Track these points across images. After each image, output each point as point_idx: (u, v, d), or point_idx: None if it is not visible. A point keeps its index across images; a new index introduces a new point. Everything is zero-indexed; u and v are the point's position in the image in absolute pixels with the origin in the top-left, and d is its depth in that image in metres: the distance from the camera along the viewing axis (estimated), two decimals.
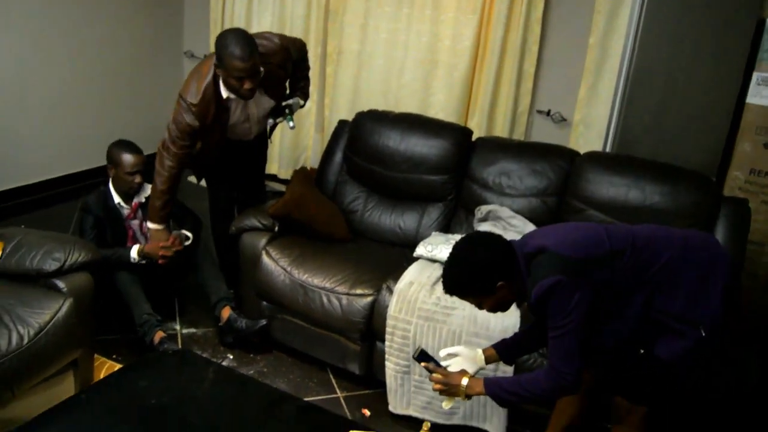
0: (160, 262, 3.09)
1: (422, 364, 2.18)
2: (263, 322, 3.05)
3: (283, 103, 3.23)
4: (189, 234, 3.24)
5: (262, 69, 2.85)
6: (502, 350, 2.25)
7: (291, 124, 3.24)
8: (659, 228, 2.06)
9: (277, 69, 3.08)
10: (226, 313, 3.10)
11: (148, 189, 3.18)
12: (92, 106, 4.70)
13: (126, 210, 3.18)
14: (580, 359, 1.89)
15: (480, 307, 2.03)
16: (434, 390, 2.14)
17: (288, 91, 3.32)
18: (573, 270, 1.86)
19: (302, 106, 3.42)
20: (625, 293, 1.93)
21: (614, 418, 2.15)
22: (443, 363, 2.20)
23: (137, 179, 3.10)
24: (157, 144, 3.05)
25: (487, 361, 2.24)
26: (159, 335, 2.98)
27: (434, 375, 2.12)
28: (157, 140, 3.08)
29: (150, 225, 3.11)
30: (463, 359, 2.20)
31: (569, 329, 1.85)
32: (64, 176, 4.61)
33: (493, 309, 2.03)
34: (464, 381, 2.08)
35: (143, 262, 3.10)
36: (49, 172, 4.55)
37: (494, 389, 2.02)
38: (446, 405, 2.20)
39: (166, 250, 3.08)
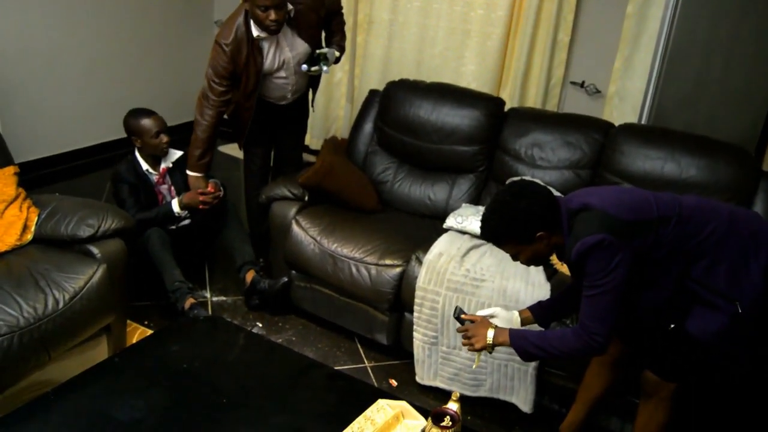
0: (200, 207, 3.15)
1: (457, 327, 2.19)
2: (284, 279, 3.11)
3: (318, 51, 3.21)
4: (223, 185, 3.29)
5: (291, 7, 2.95)
6: (537, 312, 2.23)
7: (325, 68, 3.22)
8: (705, 200, 2.02)
9: (309, 11, 3.13)
10: (250, 276, 3.16)
11: (175, 154, 3.24)
12: (124, 76, 4.73)
13: (155, 176, 3.21)
14: (613, 322, 1.86)
15: (515, 257, 2.01)
16: (462, 344, 2.15)
17: (324, 44, 3.37)
18: (618, 230, 1.82)
19: (338, 59, 3.42)
20: (665, 261, 1.90)
21: (643, 393, 2.12)
22: None
23: (164, 139, 3.13)
24: (188, 112, 3.08)
25: (523, 323, 2.22)
26: (190, 302, 3.01)
27: (460, 327, 2.14)
28: (188, 109, 3.09)
29: (189, 173, 3.20)
30: (499, 320, 2.19)
31: (606, 290, 1.83)
32: (97, 145, 4.66)
33: (528, 261, 2.01)
34: (490, 332, 2.07)
35: (185, 213, 3.18)
36: (83, 141, 4.60)
37: (520, 342, 2.01)
38: (475, 365, 2.20)
39: (206, 197, 3.13)
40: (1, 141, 2.77)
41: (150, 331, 2.94)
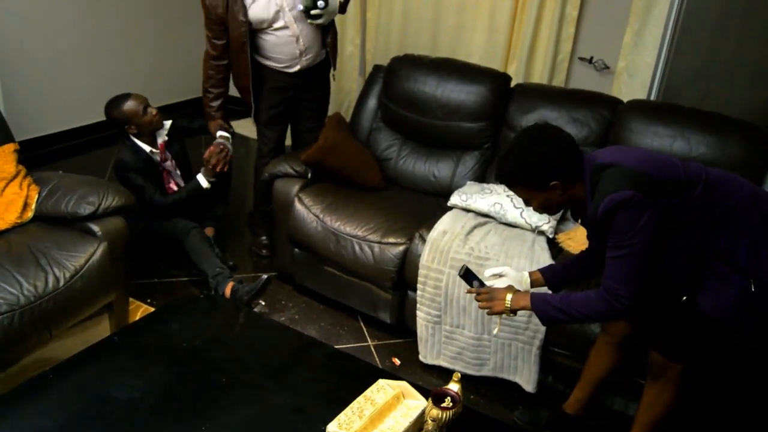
0: (224, 170, 3.19)
1: (466, 289, 2.15)
2: (263, 278, 3.12)
3: None
4: (227, 134, 3.28)
5: None
6: (549, 275, 2.19)
7: (321, 3, 3.01)
8: (729, 173, 1.97)
9: None
10: (230, 289, 3.04)
11: (166, 125, 3.23)
12: (124, 53, 4.68)
13: (157, 155, 3.18)
14: (639, 285, 1.82)
15: (527, 203, 1.96)
16: (480, 308, 2.10)
17: None
18: (647, 188, 1.77)
19: (344, 5, 3.26)
20: (687, 228, 1.85)
21: (650, 374, 2.09)
22: (488, 283, 2.15)
23: (153, 111, 3.11)
24: (190, 88, 3.04)
25: (533, 285, 2.18)
26: (230, 286, 3.03)
27: (478, 290, 2.09)
28: (189, 85, 3.07)
29: (208, 121, 3.26)
30: (508, 280, 2.14)
31: (633, 251, 1.78)
32: (99, 122, 4.61)
33: (540, 208, 1.95)
34: (509, 296, 2.02)
35: (213, 180, 3.18)
36: (85, 119, 4.57)
37: (541, 305, 1.97)
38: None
39: (218, 157, 3.15)
40: (0, 118, 2.75)
41: (152, 309, 2.94)
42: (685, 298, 1.95)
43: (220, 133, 3.23)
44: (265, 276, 3.13)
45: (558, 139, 1.88)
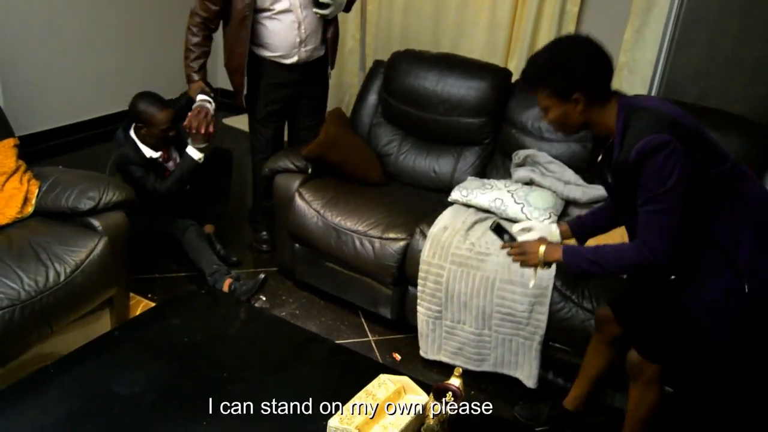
0: (210, 131, 3.01)
1: (500, 244, 2.11)
2: (261, 277, 3.12)
3: None
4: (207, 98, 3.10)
5: None
6: (577, 228, 2.15)
7: None
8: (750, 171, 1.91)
9: None
10: (227, 286, 3.05)
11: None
12: (125, 48, 4.67)
13: (160, 156, 3.15)
14: (676, 243, 1.73)
15: (545, 113, 1.87)
16: (514, 261, 2.05)
17: None
18: (685, 138, 1.68)
19: (348, 7, 3.25)
20: (703, 205, 1.78)
21: (629, 377, 2.06)
22: (519, 238, 2.11)
23: (171, 133, 3.08)
24: None
25: (561, 237, 2.14)
26: (228, 282, 3.04)
27: (510, 243, 2.05)
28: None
29: (189, 85, 3.12)
30: (537, 233, 2.11)
31: (667, 207, 1.70)
32: (99, 117, 4.63)
33: (556, 122, 1.87)
34: (542, 248, 1.97)
35: (203, 147, 3.06)
36: (85, 114, 4.56)
37: (573, 258, 1.91)
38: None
39: (198, 120, 2.99)
40: (0, 113, 2.74)
41: (153, 304, 2.94)
42: (673, 277, 1.89)
43: (200, 96, 3.06)
44: (263, 275, 3.13)
45: (596, 53, 1.80)
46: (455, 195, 2.95)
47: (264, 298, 3.13)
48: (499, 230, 2.12)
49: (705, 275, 1.84)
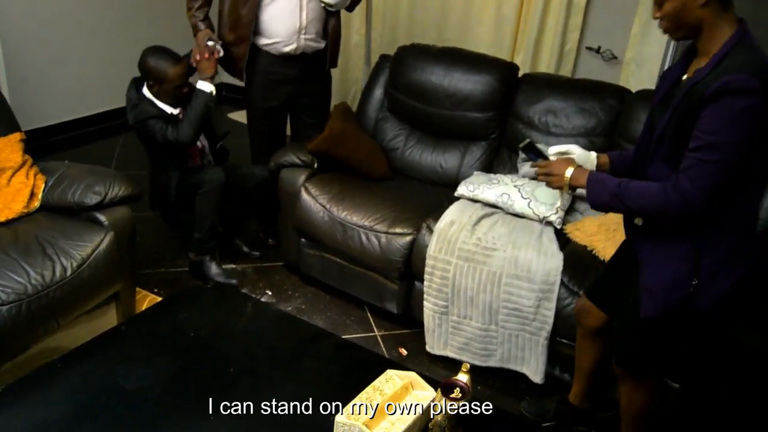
0: (215, 56, 2.97)
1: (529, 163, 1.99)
2: (233, 282, 3.13)
3: None
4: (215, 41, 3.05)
5: None
6: (616, 160, 2.02)
7: None
8: None
9: None
10: (193, 257, 3.10)
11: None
12: (130, 42, 4.63)
13: (179, 112, 2.98)
14: (715, 195, 1.61)
15: (659, 5, 1.69)
16: (539, 180, 1.97)
17: None
18: None
19: (351, 6, 3.23)
20: (736, 184, 1.66)
21: (618, 375, 2.07)
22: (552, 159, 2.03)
23: (185, 90, 2.92)
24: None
25: (598, 169, 2.02)
26: (193, 256, 3.10)
27: (538, 162, 1.95)
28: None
29: (196, 35, 3.10)
30: (575, 158, 2.00)
31: (724, 157, 1.56)
32: (106, 112, 4.63)
33: (670, 12, 1.67)
34: (569, 171, 1.87)
35: (211, 76, 2.94)
36: (92, 108, 4.57)
37: (596, 186, 1.80)
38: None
39: (203, 52, 2.95)
40: (6, 108, 2.74)
41: (159, 299, 2.94)
42: (637, 221, 1.83)
43: (209, 42, 2.99)
44: (235, 281, 3.13)
45: None
46: (462, 190, 2.94)
47: (270, 293, 3.12)
48: (528, 149, 2.02)
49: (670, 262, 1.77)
